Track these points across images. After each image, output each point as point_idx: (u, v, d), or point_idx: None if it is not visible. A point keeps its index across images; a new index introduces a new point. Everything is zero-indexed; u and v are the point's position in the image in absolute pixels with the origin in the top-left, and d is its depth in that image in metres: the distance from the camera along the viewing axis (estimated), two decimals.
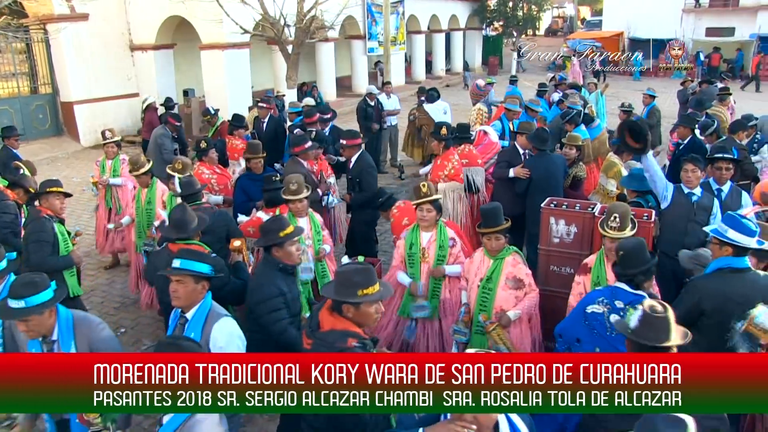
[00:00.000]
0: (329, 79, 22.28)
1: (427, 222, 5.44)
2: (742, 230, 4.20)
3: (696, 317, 4.16)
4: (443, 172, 7.54)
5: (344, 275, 3.27)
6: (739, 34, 32.28)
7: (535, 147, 7.30)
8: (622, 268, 4.08)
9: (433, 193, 5.41)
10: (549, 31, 49.75)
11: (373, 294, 3.21)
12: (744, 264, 4.16)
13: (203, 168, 7.74)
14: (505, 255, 4.96)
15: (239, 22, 14.29)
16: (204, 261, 3.80)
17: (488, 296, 4.90)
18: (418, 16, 27.78)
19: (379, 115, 12.93)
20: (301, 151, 7.66)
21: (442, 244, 5.46)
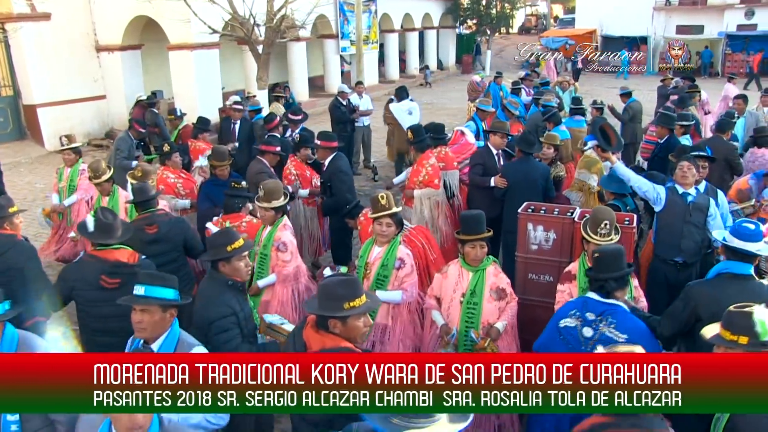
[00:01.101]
0: (301, 79, 21.96)
1: (385, 238, 5.02)
2: (747, 237, 4.01)
3: (692, 324, 3.98)
4: (418, 177, 7.31)
5: (328, 288, 3.08)
6: (708, 32, 32.90)
7: (521, 150, 7.07)
8: (595, 272, 3.94)
9: (392, 206, 5.00)
10: (522, 29, 49.78)
11: (361, 306, 3.03)
12: (746, 271, 3.97)
13: (168, 172, 7.47)
14: (486, 265, 4.67)
15: (208, 22, 13.92)
16: (169, 285, 3.46)
17: (474, 311, 4.60)
18: (391, 14, 27.57)
19: (351, 112, 12.67)
20: (269, 151, 7.43)
21: (386, 263, 4.98)
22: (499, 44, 40.64)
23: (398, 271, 4.97)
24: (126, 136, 9.78)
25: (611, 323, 3.75)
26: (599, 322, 3.78)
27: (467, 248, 4.65)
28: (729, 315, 2.94)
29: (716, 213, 5.67)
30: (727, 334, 2.90)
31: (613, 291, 3.85)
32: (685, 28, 33.63)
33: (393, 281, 4.99)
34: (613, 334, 3.70)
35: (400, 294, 4.97)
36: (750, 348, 2.82)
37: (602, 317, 3.78)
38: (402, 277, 4.98)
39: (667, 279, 5.55)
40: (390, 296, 4.99)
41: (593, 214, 4.63)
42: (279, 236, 5.45)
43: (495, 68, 33.19)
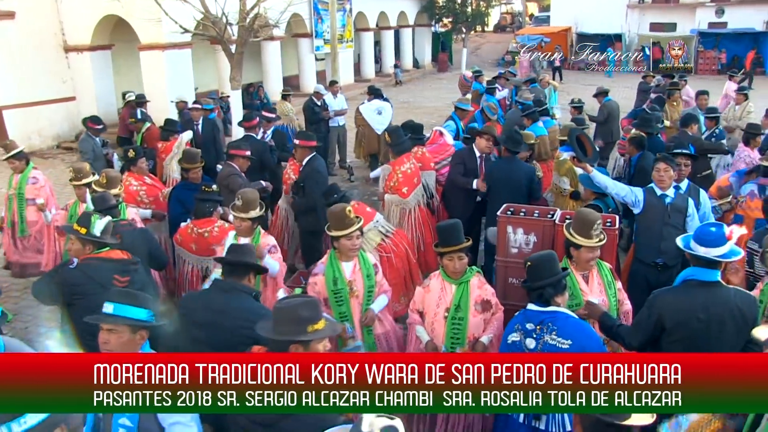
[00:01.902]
0: (276, 79, 21.69)
1: (355, 252, 4.77)
2: (709, 243, 3.82)
3: (658, 334, 3.83)
4: (391, 182, 7.18)
5: (288, 311, 2.87)
6: (681, 30, 33.27)
7: (507, 149, 6.94)
8: (531, 281, 3.79)
9: (360, 218, 4.84)
10: (498, 27, 49.90)
11: (324, 329, 2.86)
12: (712, 277, 3.78)
13: (131, 179, 7.20)
14: (469, 277, 4.44)
15: (179, 22, 13.66)
16: (142, 305, 3.22)
17: (460, 326, 4.37)
18: (366, 13, 27.38)
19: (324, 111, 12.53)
20: (238, 155, 7.26)
21: (368, 273, 4.78)
22: (475, 42, 40.69)
23: (377, 277, 4.88)
24: (86, 137, 9.53)
25: (552, 330, 3.63)
26: (540, 331, 3.65)
27: (445, 260, 4.44)
28: None
29: (695, 213, 5.61)
30: None
31: (551, 297, 3.71)
32: (659, 25, 34.04)
33: (376, 288, 4.90)
34: (556, 341, 3.59)
35: (385, 297, 4.94)
36: None
37: (542, 325, 3.66)
38: (380, 281, 4.91)
39: (648, 281, 5.47)
40: (381, 303, 4.89)
41: (581, 216, 4.43)
42: (266, 242, 5.42)
43: (471, 66, 33.38)
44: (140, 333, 3.21)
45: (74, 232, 4.53)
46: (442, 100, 22.06)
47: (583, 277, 4.41)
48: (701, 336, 3.72)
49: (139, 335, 3.20)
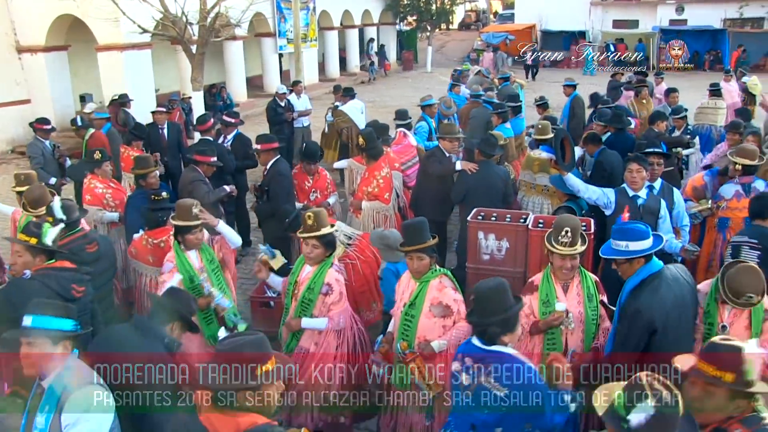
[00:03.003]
0: (239, 80, 21.33)
1: (311, 260, 4.69)
2: (639, 236, 3.88)
3: (648, 340, 3.77)
4: (368, 188, 6.97)
5: (232, 354, 2.56)
6: (643, 26, 33.73)
7: (481, 153, 6.77)
8: (475, 315, 3.38)
9: (321, 227, 4.63)
10: (462, 25, 49.98)
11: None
12: (659, 265, 3.86)
13: (96, 182, 6.94)
14: (430, 278, 4.32)
15: (138, 21, 13.27)
16: (64, 314, 3.02)
17: (410, 324, 4.29)
18: (329, 11, 27.11)
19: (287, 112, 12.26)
20: (203, 162, 7.00)
21: (312, 286, 4.64)
22: (440, 40, 40.68)
23: (325, 297, 4.65)
24: (35, 140, 9.13)
25: (489, 372, 3.22)
26: (477, 369, 3.30)
27: (407, 260, 4.38)
28: (714, 348, 2.68)
29: (666, 215, 5.54)
30: (710, 369, 2.63)
31: (496, 337, 3.29)
32: (621, 22, 34.51)
33: (319, 306, 4.67)
34: (491, 386, 3.21)
35: (325, 321, 4.66)
36: (735, 386, 2.58)
37: (480, 364, 3.28)
38: (329, 304, 4.67)
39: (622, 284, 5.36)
40: (315, 323, 4.69)
41: (555, 221, 4.32)
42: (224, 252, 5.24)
43: (436, 65, 33.32)
44: (63, 344, 3.01)
45: (23, 242, 4.27)
46: (407, 98, 21.87)
47: (562, 286, 4.27)
48: (685, 324, 3.85)
49: (63, 346, 3.01)
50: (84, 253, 4.90)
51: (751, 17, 32.59)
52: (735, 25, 32.26)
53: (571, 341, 4.23)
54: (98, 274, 4.91)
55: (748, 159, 6.18)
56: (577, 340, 4.25)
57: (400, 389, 4.32)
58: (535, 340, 4.28)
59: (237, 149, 8.70)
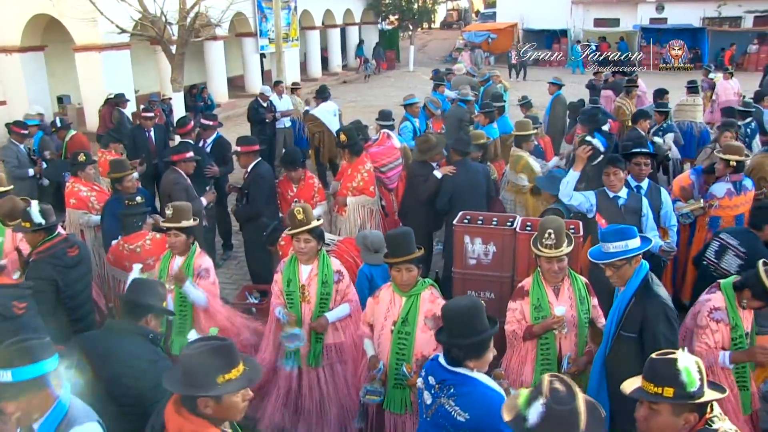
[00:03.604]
0: (220, 80, 21.12)
1: (305, 255, 4.60)
2: (632, 234, 3.85)
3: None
4: (352, 183, 6.86)
5: (194, 360, 2.48)
6: (624, 25, 33.96)
7: (456, 152, 6.64)
8: (445, 336, 3.14)
9: (310, 220, 4.54)
10: (444, 24, 49.97)
11: (239, 378, 2.47)
12: (647, 264, 3.87)
13: (79, 185, 6.81)
14: (420, 290, 4.09)
15: (116, 21, 13.06)
16: (43, 355, 2.61)
17: (406, 342, 4.02)
18: (311, 11, 26.95)
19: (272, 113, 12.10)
20: (180, 160, 6.85)
21: (325, 279, 4.59)
22: (422, 39, 40.62)
23: (338, 285, 4.66)
24: (9, 144, 8.93)
25: (452, 395, 3.04)
26: (439, 390, 3.11)
27: (393, 272, 4.09)
28: (651, 363, 2.59)
29: (649, 213, 5.48)
30: (650, 387, 2.55)
31: (461, 360, 3.08)
32: (602, 21, 34.70)
33: (334, 297, 4.66)
34: (452, 409, 3.02)
35: (347, 307, 4.70)
36: (676, 400, 2.49)
37: (442, 386, 3.10)
38: (344, 290, 4.69)
39: (608, 285, 5.30)
40: (339, 312, 4.67)
41: (540, 224, 4.20)
42: (198, 263, 4.98)
43: (418, 64, 33.26)
44: (53, 383, 2.66)
45: (22, 229, 4.45)
46: (390, 98, 21.79)
47: (553, 289, 4.19)
48: None
49: (52, 385, 2.66)
50: (66, 257, 4.75)
51: (729, 16, 32.99)
52: (714, 24, 32.58)
53: (565, 346, 4.14)
54: (78, 279, 4.80)
55: (737, 155, 6.20)
56: (571, 344, 4.17)
57: (398, 413, 4.15)
58: (528, 346, 4.18)
59: (216, 153, 8.47)
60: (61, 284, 4.64)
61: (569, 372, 4.05)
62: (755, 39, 31.03)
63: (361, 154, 6.98)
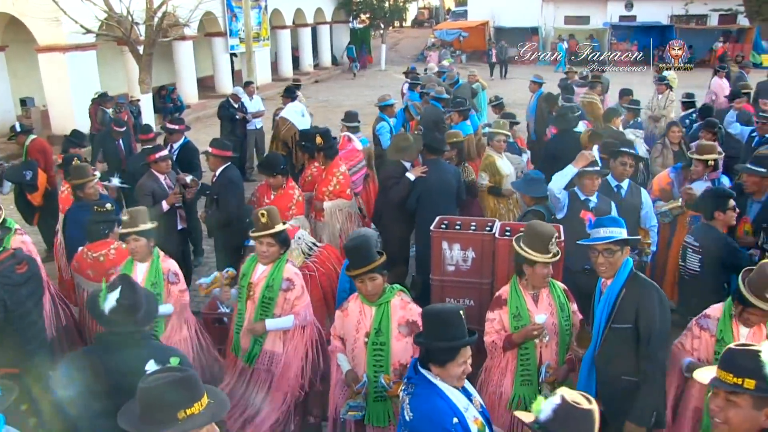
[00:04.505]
0: (190, 81, 20.75)
1: (266, 258, 4.50)
2: (623, 225, 3.83)
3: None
4: (328, 187, 6.70)
5: (153, 393, 2.28)
6: (594, 23, 34.33)
7: (429, 152, 6.50)
8: (423, 335, 3.11)
9: (274, 224, 4.44)
10: (416, 22, 49.94)
11: (202, 413, 2.29)
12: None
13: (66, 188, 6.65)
14: (389, 297, 3.94)
15: (80, 21, 12.73)
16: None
17: (382, 352, 3.88)
18: (282, 10, 26.70)
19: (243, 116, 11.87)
20: (154, 161, 6.64)
21: (271, 284, 4.46)
22: (393, 38, 40.52)
23: (287, 293, 4.49)
24: None
25: (409, 394, 3.03)
26: (405, 387, 3.11)
27: (357, 284, 3.93)
28: (731, 354, 2.46)
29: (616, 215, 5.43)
30: (729, 377, 2.42)
31: (425, 361, 3.04)
32: (573, 18, 35.04)
33: (281, 304, 4.49)
34: (405, 406, 3.02)
35: (291, 319, 4.50)
36: (757, 392, 2.37)
37: (407, 383, 3.09)
38: (292, 300, 4.50)
39: (579, 288, 5.22)
40: (281, 323, 4.51)
41: (534, 230, 4.03)
42: (167, 267, 4.85)
43: (390, 62, 33.16)
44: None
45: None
46: (362, 98, 21.67)
47: (532, 297, 4.06)
48: None
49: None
50: (15, 275, 4.45)
51: (695, 14, 33.54)
52: (681, 22, 33.03)
53: (545, 354, 4.03)
54: (28, 296, 4.41)
55: (713, 154, 6.24)
56: (552, 352, 4.05)
57: (380, 427, 4.01)
58: (508, 356, 4.06)
59: (184, 158, 8.21)
60: (9, 304, 4.24)
61: (547, 381, 3.95)
62: (720, 36, 31.49)
63: (335, 157, 6.83)
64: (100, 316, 3.11)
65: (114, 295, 3.08)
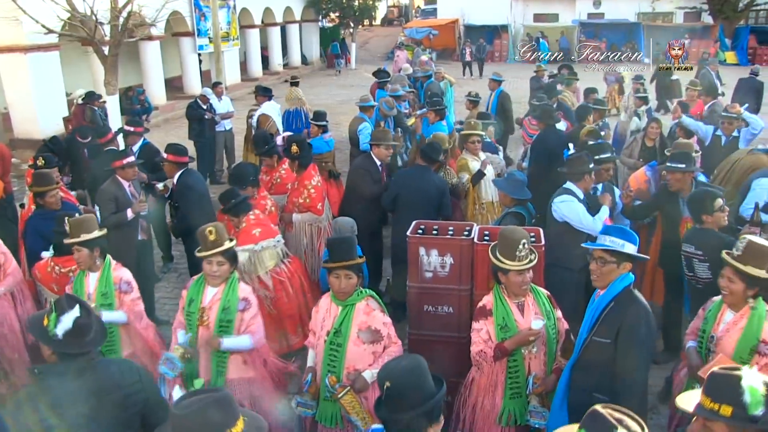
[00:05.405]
0: (157, 81, 20.32)
1: (216, 279, 4.23)
2: (633, 240, 3.69)
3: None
4: (298, 199, 6.52)
5: (195, 418, 2.13)
6: (563, 20, 34.59)
7: (423, 158, 6.34)
8: (388, 410, 2.63)
9: (223, 241, 4.18)
10: (385, 20, 49.86)
11: (245, 430, 2.19)
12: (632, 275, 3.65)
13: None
14: (356, 301, 3.90)
15: (41, 21, 12.35)
16: None
17: (337, 353, 3.83)
18: (250, 9, 26.35)
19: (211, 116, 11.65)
20: (119, 167, 6.42)
21: (227, 305, 4.19)
22: (363, 36, 40.37)
23: (243, 314, 4.23)
24: None
25: None
26: None
27: (331, 278, 3.89)
28: (712, 377, 2.31)
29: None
30: (707, 402, 2.28)
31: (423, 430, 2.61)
32: (542, 16, 35.38)
33: (238, 326, 4.24)
34: None
35: (248, 339, 4.24)
36: (734, 421, 2.21)
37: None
38: (248, 320, 4.26)
39: (564, 284, 5.17)
40: (238, 342, 4.22)
41: (504, 235, 3.93)
42: (118, 276, 4.62)
43: (360, 61, 33.01)
44: None
45: None
46: (333, 97, 21.50)
47: (517, 305, 3.95)
48: None
49: None
50: None
51: (662, 12, 33.97)
52: (647, 19, 33.44)
53: (533, 365, 3.93)
54: None
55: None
56: (540, 363, 3.95)
57: (330, 427, 3.94)
58: (497, 369, 3.93)
59: (145, 161, 7.97)
60: None
61: (535, 392, 3.86)
62: (686, 34, 31.89)
63: (308, 167, 6.67)
64: (50, 340, 2.87)
65: (71, 316, 2.88)
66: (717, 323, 3.82)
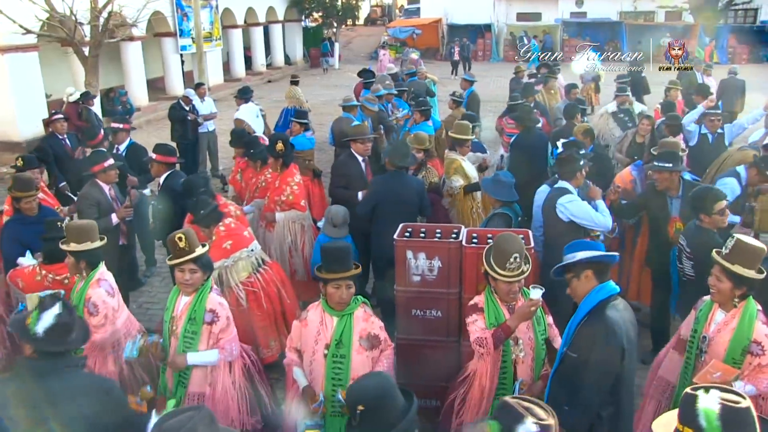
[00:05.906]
0: (139, 82, 20.07)
1: (189, 287, 4.10)
2: (583, 247, 3.54)
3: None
4: (281, 197, 6.42)
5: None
6: (546, 19, 34.73)
7: (391, 164, 6.20)
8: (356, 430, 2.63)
9: (194, 248, 4.04)
10: (368, 20, 49.76)
11: None
12: (615, 287, 3.43)
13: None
14: (353, 309, 3.84)
15: (19, 21, 12.20)
16: None
17: (342, 365, 3.74)
18: (233, 9, 26.14)
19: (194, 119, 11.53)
20: (100, 170, 6.30)
21: (193, 316, 4.06)
22: (346, 36, 40.27)
23: (211, 326, 4.10)
24: None
25: None
26: None
27: (330, 289, 3.79)
28: (684, 397, 2.24)
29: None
30: (678, 422, 2.21)
31: None
32: (525, 15, 35.48)
33: (205, 339, 4.10)
34: None
35: (215, 353, 4.11)
36: None
37: None
38: (217, 334, 4.12)
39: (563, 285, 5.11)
40: (204, 357, 4.10)
41: (497, 243, 3.88)
42: (89, 296, 4.38)
43: (344, 61, 32.91)
44: None
45: None
46: (317, 97, 21.38)
47: (508, 309, 3.91)
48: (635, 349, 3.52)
49: None
50: None
51: (644, 11, 34.19)
52: (629, 18, 33.62)
53: (521, 371, 3.88)
54: None
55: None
56: (527, 368, 3.90)
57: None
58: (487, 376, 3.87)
59: (131, 160, 7.86)
60: None
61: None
62: (668, 33, 32.10)
63: (290, 165, 6.60)
64: (31, 338, 2.85)
65: (51, 313, 2.85)
66: (708, 323, 3.79)
